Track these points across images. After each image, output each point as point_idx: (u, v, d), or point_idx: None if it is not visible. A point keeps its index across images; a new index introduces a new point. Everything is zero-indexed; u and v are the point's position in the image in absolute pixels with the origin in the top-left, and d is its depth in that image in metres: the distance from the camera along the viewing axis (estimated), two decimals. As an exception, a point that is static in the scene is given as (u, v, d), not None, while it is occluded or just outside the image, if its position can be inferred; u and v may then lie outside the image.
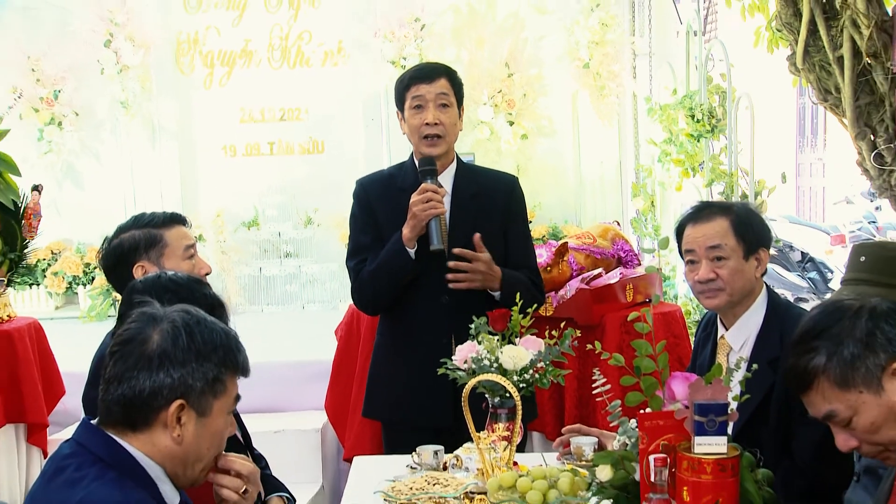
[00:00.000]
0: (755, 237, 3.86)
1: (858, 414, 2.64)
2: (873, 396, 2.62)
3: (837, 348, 2.64)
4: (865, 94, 7.64)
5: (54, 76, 7.27)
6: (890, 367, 2.62)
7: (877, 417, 2.63)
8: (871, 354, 2.63)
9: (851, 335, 2.65)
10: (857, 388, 2.63)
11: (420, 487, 3.68)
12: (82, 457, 2.58)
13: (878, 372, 2.62)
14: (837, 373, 2.64)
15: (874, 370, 2.62)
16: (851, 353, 2.63)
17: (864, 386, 2.63)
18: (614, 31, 7.29)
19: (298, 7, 7.35)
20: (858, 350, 2.63)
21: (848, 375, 2.63)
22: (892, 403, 2.62)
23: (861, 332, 2.65)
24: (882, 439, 2.66)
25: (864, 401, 2.63)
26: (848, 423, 2.66)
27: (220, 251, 7.24)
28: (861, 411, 2.64)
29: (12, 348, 5.89)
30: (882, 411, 2.62)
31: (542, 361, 3.46)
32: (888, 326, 2.65)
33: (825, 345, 2.66)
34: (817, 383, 2.67)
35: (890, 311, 2.69)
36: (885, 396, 2.61)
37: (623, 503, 3.11)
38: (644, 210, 7.17)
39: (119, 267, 4.10)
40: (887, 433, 2.64)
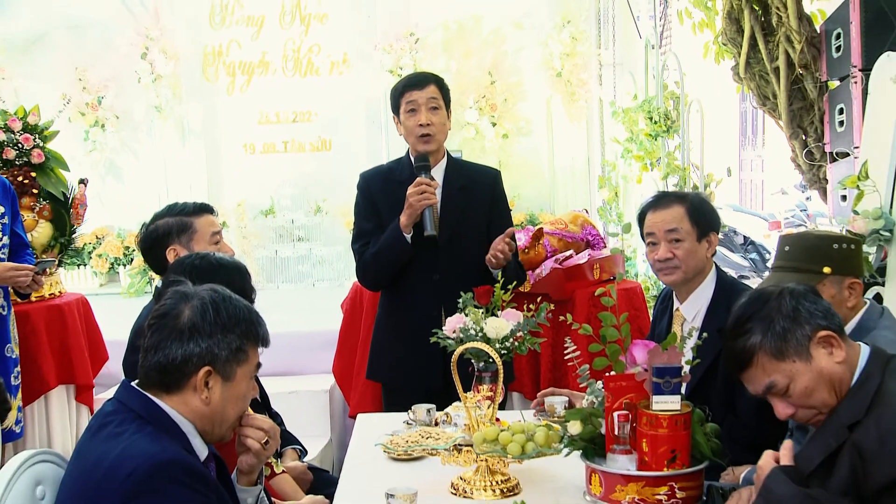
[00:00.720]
0: (706, 222, 3.87)
1: (794, 381, 2.67)
2: (805, 364, 2.66)
3: (770, 325, 2.69)
4: (798, 100, 7.64)
5: (98, 84, 7.26)
6: (815, 336, 2.67)
7: (809, 382, 2.66)
8: (798, 327, 2.68)
9: (780, 313, 2.70)
10: (791, 357, 2.67)
11: (415, 440, 3.68)
12: (123, 414, 2.61)
13: (805, 342, 2.67)
14: (773, 346, 2.67)
15: (803, 340, 2.67)
16: (782, 327, 2.68)
17: (796, 355, 2.67)
18: (583, 44, 7.30)
19: (309, 23, 7.34)
20: (788, 324, 2.68)
21: (782, 347, 2.67)
22: (820, 368, 2.66)
23: (787, 310, 2.70)
24: (815, 402, 2.68)
25: (797, 369, 2.66)
26: (785, 391, 2.69)
27: (242, 236, 7.24)
28: (796, 378, 2.67)
29: (62, 320, 5.92)
30: (813, 376, 2.66)
31: (520, 331, 3.46)
32: (808, 303, 2.72)
33: (758, 325, 2.70)
34: (756, 359, 2.70)
35: (806, 292, 2.76)
36: (814, 363, 2.66)
37: (591, 454, 3.11)
38: (609, 199, 7.17)
39: (154, 249, 4.14)
40: (819, 396, 2.67)
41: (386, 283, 4.69)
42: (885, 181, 5.68)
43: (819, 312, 2.70)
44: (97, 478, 2.47)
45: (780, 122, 7.85)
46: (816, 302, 2.73)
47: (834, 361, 2.67)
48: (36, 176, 6.05)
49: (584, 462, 3.11)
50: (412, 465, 3.57)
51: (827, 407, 2.69)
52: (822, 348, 2.68)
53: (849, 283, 3.46)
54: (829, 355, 2.67)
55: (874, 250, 5.53)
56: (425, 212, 4.42)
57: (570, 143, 7.54)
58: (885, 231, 5.50)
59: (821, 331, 2.68)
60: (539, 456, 3.16)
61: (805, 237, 3.71)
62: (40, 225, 6.01)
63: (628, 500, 2.96)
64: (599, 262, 6.05)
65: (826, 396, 2.67)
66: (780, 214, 10.78)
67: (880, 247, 5.55)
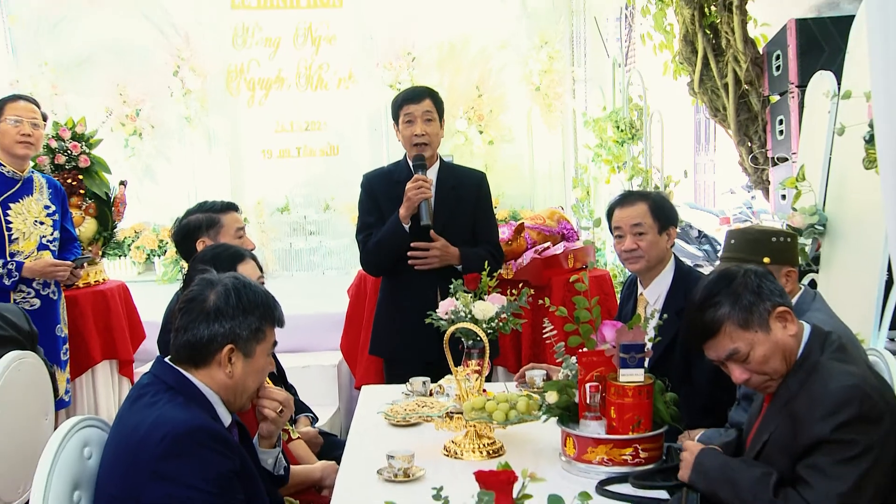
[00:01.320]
0: (667, 218, 3.88)
1: (754, 349, 2.67)
2: (764, 335, 2.67)
3: (738, 299, 2.68)
4: (744, 112, 7.63)
5: (136, 98, 7.23)
6: (774, 311, 2.68)
7: (767, 351, 2.66)
8: (761, 302, 2.68)
9: (746, 288, 2.69)
10: (754, 328, 2.67)
11: (412, 409, 3.68)
12: (158, 386, 2.64)
13: (766, 315, 2.67)
14: (740, 317, 2.67)
15: (764, 314, 2.67)
16: (749, 300, 2.68)
17: (758, 326, 2.67)
18: (558, 62, 7.29)
19: (319, 44, 7.32)
20: (753, 298, 2.68)
21: (748, 318, 2.67)
22: (776, 339, 2.67)
23: (753, 286, 2.70)
24: (768, 369, 2.68)
25: (758, 338, 2.67)
26: (746, 358, 2.68)
27: (260, 230, 7.24)
28: (756, 346, 2.67)
29: (106, 303, 5.93)
30: (770, 346, 2.66)
31: (504, 313, 3.46)
32: (769, 283, 2.73)
33: (726, 299, 2.69)
34: (724, 328, 2.69)
35: (765, 273, 2.78)
36: (772, 334, 2.67)
37: (566, 420, 3.12)
38: (581, 198, 7.16)
39: (186, 241, 4.18)
40: (773, 364, 2.68)
41: (386, 269, 4.66)
42: (819, 182, 5.69)
43: (776, 291, 2.72)
44: (135, 441, 2.49)
45: (729, 131, 7.84)
46: (774, 283, 2.75)
47: (788, 334, 2.69)
48: (83, 178, 6.07)
49: (560, 427, 3.11)
50: (410, 431, 3.55)
51: (778, 374, 2.70)
52: (779, 322, 2.68)
53: (785, 272, 3.49)
54: (783, 329, 2.68)
55: (810, 242, 5.55)
56: (421, 204, 4.41)
57: (547, 149, 7.54)
58: (818, 225, 5.52)
59: (779, 307, 2.69)
60: (521, 422, 3.16)
61: (748, 232, 3.72)
62: (86, 221, 6.02)
63: (598, 460, 2.97)
64: (573, 252, 6.04)
65: (778, 365, 2.68)
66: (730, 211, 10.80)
67: (815, 239, 5.57)
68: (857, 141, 5.11)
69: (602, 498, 2.78)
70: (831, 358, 2.64)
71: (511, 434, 3.32)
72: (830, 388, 2.52)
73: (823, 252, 5.58)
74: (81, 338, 5.68)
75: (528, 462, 3.08)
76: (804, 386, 2.62)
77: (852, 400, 2.48)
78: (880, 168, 2.51)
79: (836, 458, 2.45)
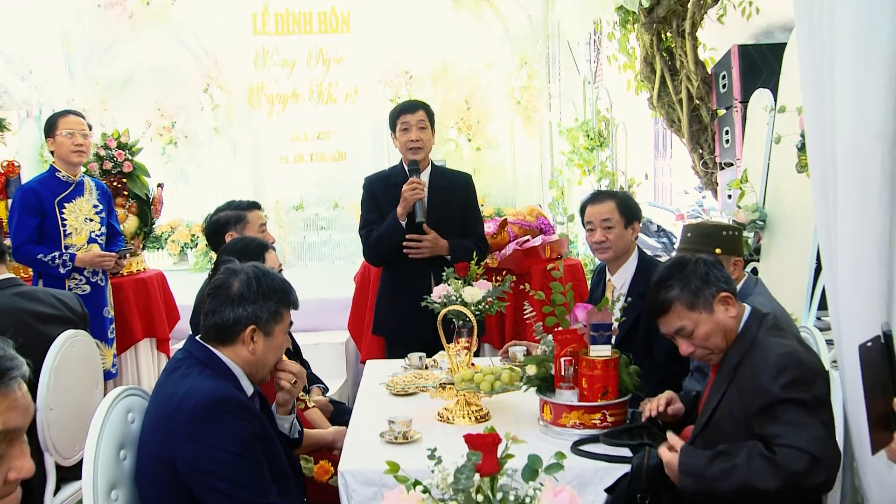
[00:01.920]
0: (631, 214, 3.88)
1: (698, 327, 2.70)
2: (708, 315, 2.69)
3: (687, 283, 2.70)
4: (696, 124, 7.63)
5: (171, 112, 7.22)
6: (718, 296, 2.69)
7: (709, 329, 2.69)
8: (707, 287, 2.70)
9: (695, 275, 2.71)
10: (699, 309, 2.69)
11: (410, 380, 3.70)
12: (190, 360, 2.64)
13: (710, 299, 2.69)
14: (687, 299, 2.69)
15: (709, 298, 2.69)
16: (696, 285, 2.70)
17: (703, 308, 2.69)
18: (536, 80, 7.28)
19: (329, 65, 7.31)
20: (700, 284, 2.70)
21: (694, 300, 2.69)
22: (718, 320, 2.69)
23: (701, 273, 2.72)
24: (710, 345, 2.71)
25: (702, 318, 2.69)
26: (691, 334, 2.71)
27: (278, 226, 7.23)
28: (700, 325, 2.69)
29: (146, 289, 5.91)
30: (713, 325, 2.69)
31: (490, 297, 3.44)
32: (716, 271, 2.74)
33: (677, 283, 2.71)
34: (673, 307, 2.71)
35: (714, 262, 2.79)
36: (714, 315, 2.69)
37: (543, 390, 3.12)
38: (557, 197, 7.15)
39: (216, 234, 4.15)
40: (714, 340, 2.70)
41: (386, 260, 4.62)
42: (759, 184, 5.70)
43: (722, 278, 2.73)
44: (171, 408, 2.50)
45: (683, 140, 7.85)
46: (721, 271, 2.76)
47: (728, 316, 2.70)
48: (126, 181, 6.06)
49: (539, 396, 3.11)
50: (408, 399, 3.54)
51: (718, 349, 2.72)
52: (722, 305, 2.70)
53: (733, 261, 3.53)
54: (725, 311, 2.70)
55: (752, 235, 5.56)
56: (416, 204, 4.39)
57: (527, 155, 7.52)
58: (759, 221, 5.54)
59: (722, 292, 2.70)
60: (504, 391, 3.15)
61: (702, 226, 3.74)
62: (129, 218, 6.01)
63: (571, 424, 2.98)
64: (550, 244, 6.03)
65: (719, 341, 2.70)
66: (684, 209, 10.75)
67: (756, 232, 5.59)
68: (791, 149, 5.13)
69: (575, 457, 2.78)
70: (767, 334, 2.65)
71: (496, 402, 3.32)
72: (769, 357, 2.55)
73: (763, 244, 5.60)
74: (125, 319, 5.67)
75: (510, 426, 3.06)
76: (745, 358, 2.64)
77: (789, 364, 2.50)
78: (811, 172, 2.52)
79: (797, 413, 2.44)
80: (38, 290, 3.82)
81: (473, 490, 1.68)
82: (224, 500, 2.43)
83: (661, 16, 7.47)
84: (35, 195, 4.94)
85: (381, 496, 1.69)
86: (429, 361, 4.02)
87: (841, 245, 2.38)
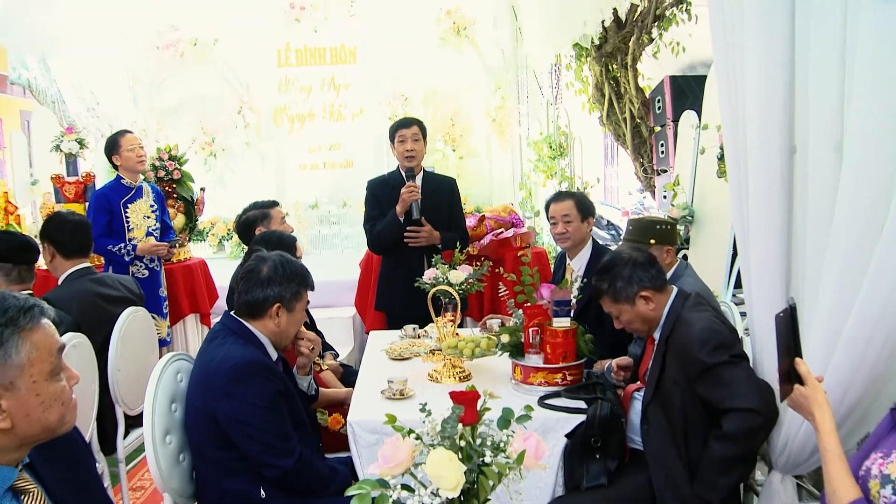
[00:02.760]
0: (587, 210, 3.87)
1: (621, 314, 2.75)
2: (629, 307, 2.72)
3: (613, 282, 2.73)
4: (637, 138, 7.64)
5: (212, 130, 7.16)
6: (639, 293, 2.70)
7: (630, 318, 2.74)
8: (629, 286, 2.70)
9: (621, 276, 2.72)
10: (621, 302, 2.72)
11: (405, 347, 3.69)
12: (225, 331, 2.64)
13: (632, 296, 2.71)
14: (612, 294, 2.73)
15: (630, 295, 2.71)
16: (620, 285, 2.72)
17: (625, 302, 2.72)
18: (508, 101, 7.24)
19: (339, 90, 7.25)
20: (624, 284, 2.71)
21: (617, 296, 2.72)
22: (638, 311, 2.71)
23: (626, 275, 2.71)
24: (633, 328, 2.78)
25: (624, 309, 2.73)
26: (617, 318, 2.77)
27: (297, 221, 7.18)
28: (622, 313, 2.74)
29: (191, 274, 5.88)
30: (633, 315, 2.73)
31: (471, 279, 3.41)
32: (641, 272, 2.72)
33: (608, 279, 2.74)
34: (603, 298, 2.76)
35: (644, 262, 2.75)
36: (635, 308, 2.71)
37: (515, 354, 3.11)
38: (526, 197, 7.12)
39: (247, 230, 4.13)
40: (635, 325, 2.76)
41: (387, 250, 4.59)
42: (688, 187, 5.71)
43: (646, 278, 2.71)
44: (210, 370, 2.51)
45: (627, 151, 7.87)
46: (647, 271, 2.73)
47: (648, 309, 2.71)
48: (175, 186, 6.04)
49: (511, 360, 3.11)
50: (404, 363, 3.52)
51: (641, 331, 2.78)
52: (642, 301, 2.70)
53: (666, 250, 3.52)
54: (645, 305, 2.70)
55: (683, 228, 5.56)
56: (413, 204, 4.38)
57: (501, 162, 7.47)
58: (689, 216, 5.55)
59: (644, 290, 2.69)
60: (483, 356, 3.15)
61: (640, 221, 3.72)
62: (177, 216, 5.99)
63: (538, 383, 2.97)
64: (520, 235, 6.00)
65: (640, 325, 2.75)
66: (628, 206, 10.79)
67: (686, 226, 5.59)
68: (713, 159, 5.15)
69: (541, 409, 2.78)
70: (690, 311, 2.65)
71: (476, 365, 3.30)
72: (692, 332, 2.55)
73: (692, 235, 5.61)
74: (175, 297, 5.65)
75: (488, 384, 3.07)
76: (674, 331, 2.63)
77: (710, 333, 2.52)
78: (728, 177, 2.53)
79: (727, 373, 2.45)
80: (107, 276, 3.85)
81: (457, 437, 1.68)
82: (255, 444, 2.45)
83: (609, 52, 7.47)
84: (106, 198, 5.03)
85: (382, 442, 1.69)
86: (421, 332, 4.00)
87: (752, 235, 2.39)
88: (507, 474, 1.66)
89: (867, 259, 2.03)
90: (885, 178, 1.98)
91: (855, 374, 2.15)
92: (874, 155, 1.99)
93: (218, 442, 2.49)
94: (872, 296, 2.02)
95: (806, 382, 1.90)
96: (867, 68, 1.98)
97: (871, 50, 1.97)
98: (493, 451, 1.68)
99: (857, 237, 2.06)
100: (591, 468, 2.65)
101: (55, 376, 1.57)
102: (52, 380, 1.56)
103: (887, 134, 1.99)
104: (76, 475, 1.71)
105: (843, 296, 2.10)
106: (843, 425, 2.21)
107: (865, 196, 2.02)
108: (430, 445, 1.68)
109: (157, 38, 7.12)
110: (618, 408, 2.69)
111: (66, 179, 5.63)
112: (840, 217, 2.08)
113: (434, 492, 1.61)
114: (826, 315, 2.17)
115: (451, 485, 1.59)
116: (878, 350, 2.10)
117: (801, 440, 2.40)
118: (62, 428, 1.60)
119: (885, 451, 1.80)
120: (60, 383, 1.59)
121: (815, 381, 1.91)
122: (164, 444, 2.53)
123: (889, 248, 1.97)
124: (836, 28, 2.06)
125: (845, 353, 2.13)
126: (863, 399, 2.22)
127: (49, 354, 1.56)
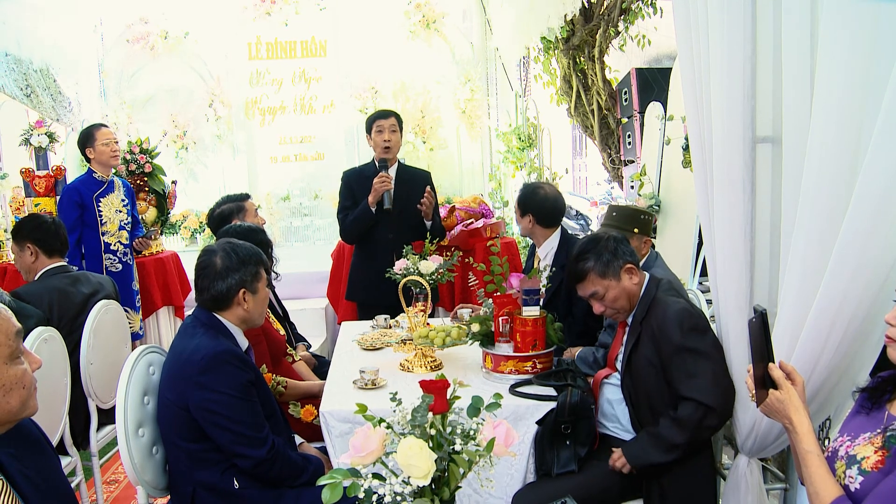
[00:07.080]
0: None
1: (608, 292, 2.69)
2: (616, 282, 2.68)
3: (600, 256, 2.68)
4: (605, 129, 7.64)
5: (183, 123, 7.05)
6: (624, 267, 2.68)
7: (617, 293, 2.69)
8: (615, 260, 2.68)
9: (606, 249, 2.69)
10: (609, 278, 2.68)
11: (377, 337, 3.67)
12: (196, 323, 2.63)
13: (618, 269, 2.68)
14: (600, 269, 2.68)
15: (617, 269, 2.68)
16: (607, 258, 2.68)
17: (612, 277, 2.68)
18: (478, 94, 7.22)
19: (310, 82, 7.17)
20: (610, 257, 2.68)
21: (605, 270, 2.68)
22: (624, 286, 2.68)
23: (611, 248, 2.70)
24: (617, 306, 2.71)
25: (611, 285, 2.68)
26: (602, 297, 2.70)
27: (269, 213, 7.12)
28: (609, 290, 2.69)
29: (164, 267, 5.82)
30: (620, 290, 2.68)
31: (441, 269, 3.40)
32: (623, 246, 2.72)
33: (592, 255, 2.69)
34: (589, 276, 2.70)
35: (622, 239, 2.75)
36: (621, 282, 2.68)
37: (485, 343, 3.10)
38: (495, 188, 7.11)
39: (223, 223, 4.06)
40: (620, 302, 2.70)
41: (358, 239, 4.58)
42: (655, 177, 5.74)
43: (627, 252, 2.71)
44: (182, 361, 2.49)
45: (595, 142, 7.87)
46: (627, 246, 2.74)
47: (632, 283, 2.70)
48: (147, 179, 5.97)
49: (482, 348, 3.10)
50: (376, 353, 3.50)
51: (624, 310, 2.72)
52: (627, 274, 2.69)
53: (645, 240, 3.57)
54: (630, 279, 2.69)
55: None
56: (385, 194, 4.36)
57: (471, 153, 7.46)
58: (655, 206, 5.57)
59: (628, 264, 2.69)
60: (454, 345, 3.13)
61: (626, 208, 3.74)
62: (150, 209, 5.92)
63: (508, 371, 2.96)
64: (490, 226, 6.00)
65: (624, 303, 2.70)
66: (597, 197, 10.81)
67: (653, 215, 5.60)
68: (678, 149, 5.17)
69: (512, 397, 2.78)
70: (664, 294, 2.67)
71: (447, 354, 3.31)
72: (668, 312, 2.56)
73: (659, 224, 5.64)
74: (148, 291, 5.59)
75: (459, 373, 3.07)
76: (649, 313, 2.64)
77: (687, 315, 2.54)
78: (693, 167, 2.54)
79: (693, 363, 2.49)
80: (82, 274, 3.86)
81: (427, 425, 1.67)
82: (227, 434, 2.43)
83: (576, 44, 7.47)
84: (77, 192, 4.99)
85: (353, 431, 1.68)
86: (392, 322, 3.99)
87: (717, 224, 2.41)
88: (478, 462, 1.66)
89: (829, 247, 2.04)
90: (847, 161, 1.99)
91: (818, 360, 2.18)
92: (836, 138, 1.99)
93: (191, 434, 2.47)
94: (835, 282, 2.04)
95: (780, 387, 1.89)
96: (830, 66, 1.96)
97: (831, 45, 1.96)
98: (464, 439, 1.67)
99: (820, 230, 2.06)
100: (562, 455, 2.65)
101: (14, 360, 1.54)
102: (11, 363, 1.53)
103: (850, 115, 1.98)
104: (38, 470, 1.68)
105: (807, 283, 2.12)
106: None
107: (828, 183, 2.02)
108: (401, 434, 1.67)
109: (128, 30, 7.02)
110: (587, 394, 2.70)
111: (37, 173, 5.52)
112: (804, 204, 2.08)
113: (405, 480, 1.60)
114: (791, 301, 2.18)
115: (422, 473, 1.58)
116: (840, 335, 2.12)
117: (768, 424, 2.43)
118: (24, 412, 1.57)
119: (851, 434, 1.82)
120: (21, 367, 1.56)
121: (790, 385, 1.89)
122: (136, 437, 2.51)
123: (850, 236, 1.98)
124: (802, 21, 2.05)
125: (808, 340, 2.15)
126: (824, 384, 2.25)
127: (6, 338, 1.53)
